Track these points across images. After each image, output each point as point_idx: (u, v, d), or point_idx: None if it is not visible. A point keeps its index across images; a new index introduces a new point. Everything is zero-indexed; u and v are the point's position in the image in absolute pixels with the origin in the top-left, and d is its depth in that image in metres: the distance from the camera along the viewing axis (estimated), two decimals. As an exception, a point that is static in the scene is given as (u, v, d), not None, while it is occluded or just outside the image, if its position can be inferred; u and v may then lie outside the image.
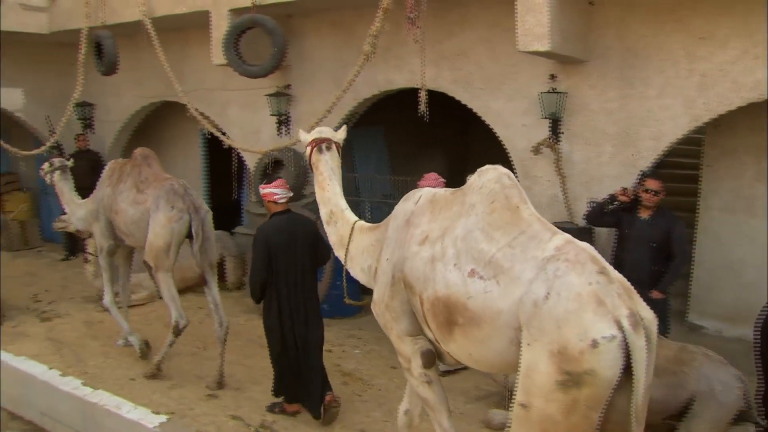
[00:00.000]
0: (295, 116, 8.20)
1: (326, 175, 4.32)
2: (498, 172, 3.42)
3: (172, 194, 5.87)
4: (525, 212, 3.27)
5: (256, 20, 6.77)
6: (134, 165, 6.34)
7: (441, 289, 3.29)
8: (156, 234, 5.81)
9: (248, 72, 7.10)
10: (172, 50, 9.15)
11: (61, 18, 9.36)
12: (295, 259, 5.00)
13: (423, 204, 3.71)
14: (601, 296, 2.82)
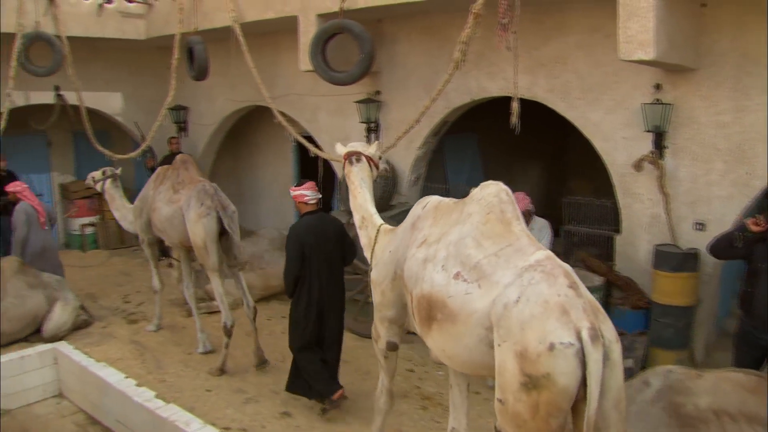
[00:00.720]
0: (385, 124, 8.32)
1: (357, 184, 5.00)
2: (498, 187, 3.87)
3: (203, 193, 6.64)
4: (516, 227, 3.69)
5: (343, 25, 6.93)
6: (174, 168, 7.31)
7: (426, 287, 3.78)
8: (192, 233, 6.59)
9: (335, 79, 7.27)
10: (264, 55, 9.57)
11: (158, 24, 9.96)
12: (325, 256, 5.57)
13: (429, 209, 4.26)
14: (566, 307, 3.14)
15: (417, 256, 3.99)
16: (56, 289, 8.03)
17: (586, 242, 6.92)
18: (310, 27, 7.54)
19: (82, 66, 10.41)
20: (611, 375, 3.12)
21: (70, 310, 7.97)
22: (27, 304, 7.72)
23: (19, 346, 7.51)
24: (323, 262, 5.56)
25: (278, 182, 11.81)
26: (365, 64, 7.02)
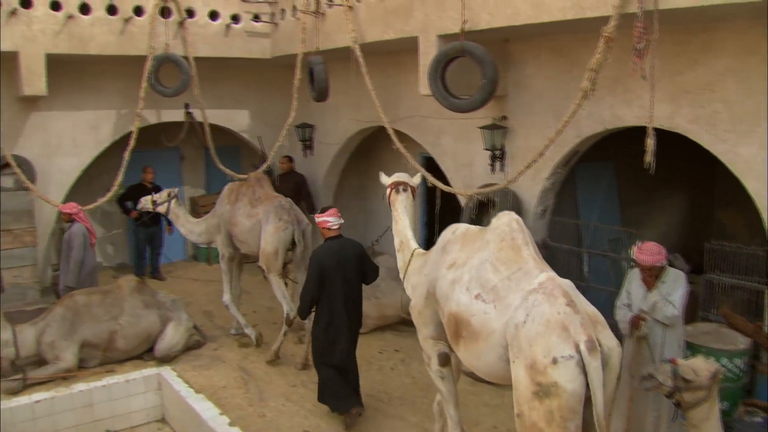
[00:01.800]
0: (511, 151, 8.19)
1: (400, 212, 5.97)
2: (510, 217, 4.71)
3: (280, 209, 8.23)
4: (525, 252, 4.48)
5: (464, 48, 6.90)
6: (249, 186, 8.84)
7: (454, 306, 4.62)
8: (266, 242, 8.09)
9: (455, 106, 7.24)
10: (387, 74, 9.74)
11: (282, 43, 10.43)
12: (344, 278, 6.38)
13: (458, 235, 5.13)
14: (566, 323, 3.89)
15: (447, 277, 4.83)
16: (170, 309, 8.57)
17: (731, 295, 6.39)
18: (431, 48, 7.57)
19: (210, 84, 11.16)
20: (612, 377, 3.95)
21: (182, 331, 8.48)
22: (142, 323, 8.29)
23: (132, 365, 8.12)
24: (341, 284, 6.38)
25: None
26: (488, 90, 6.93)
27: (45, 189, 10.24)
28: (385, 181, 6.12)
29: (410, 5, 7.77)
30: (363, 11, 8.54)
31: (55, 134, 10.36)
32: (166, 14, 9.91)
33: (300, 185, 11.51)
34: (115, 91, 10.61)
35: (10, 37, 8.97)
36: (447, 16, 7.29)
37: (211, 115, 11.42)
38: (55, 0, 9.18)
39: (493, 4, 6.74)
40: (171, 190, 9.43)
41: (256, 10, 10.55)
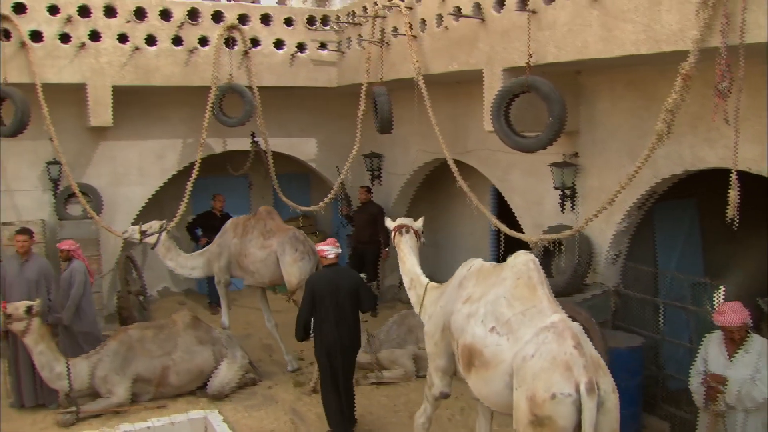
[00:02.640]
0: (583, 191, 7.71)
1: (406, 252, 6.50)
2: (527, 257, 5.01)
3: (295, 240, 8.68)
4: (540, 291, 4.76)
5: (529, 84, 6.49)
6: (258, 219, 9.05)
7: (469, 338, 4.94)
8: (290, 274, 8.54)
9: (520, 145, 6.83)
10: (455, 104, 9.44)
11: (348, 72, 10.27)
12: (336, 304, 6.78)
13: (473, 271, 5.47)
14: (570, 364, 4.16)
15: (462, 311, 5.16)
16: (225, 346, 8.44)
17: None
18: (496, 82, 7.20)
19: (277, 113, 11.14)
20: (605, 419, 4.17)
21: (236, 369, 8.33)
22: (195, 359, 8.18)
23: (185, 401, 8.03)
24: (334, 309, 6.78)
25: (474, 236, 11.54)
26: (555, 130, 6.48)
27: (112, 217, 10.44)
28: (390, 225, 6.77)
29: (475, 36, 7.43)
30: (427, 41, 8.25)
31: (122, 163, 10.53)
32: (231, 44, 9.93)
33: (376, 216, 11.22)
34: (181, 120, 10.71)
35: (79, 70, 9.17)
36: (513, 48, 6.91)
37: (278, 143, 11.42)
38: (123, 32, 9.33)
39: (560, 36, 6.31)
40: (162, 222, 9.25)
41: (322, 38, 10.46)
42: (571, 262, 7.49)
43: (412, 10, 8.40)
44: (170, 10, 9.60)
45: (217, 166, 11.40)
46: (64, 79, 9.16)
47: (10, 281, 7.94)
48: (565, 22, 6.24)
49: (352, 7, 10.07)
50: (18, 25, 8.83)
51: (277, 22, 10.23)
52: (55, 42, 9.08)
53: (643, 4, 5.47)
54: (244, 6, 10.11)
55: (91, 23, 9.20)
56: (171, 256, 9.24)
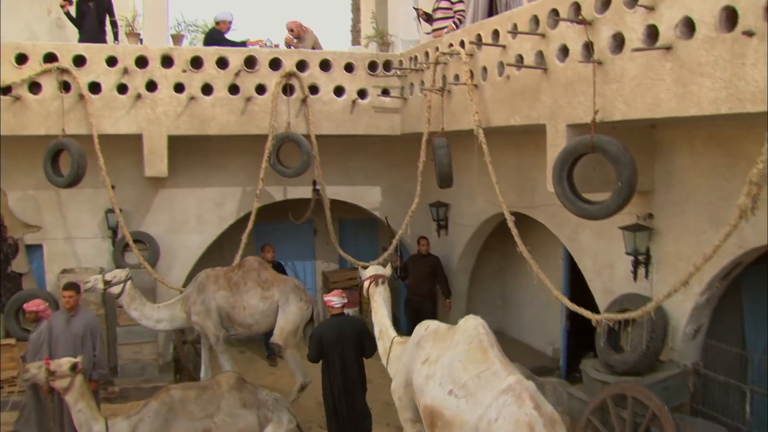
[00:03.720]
0: (658, 256, 6.94)
1: (379, 303, 6.87)
2: (477, 321, 5.39)
3: (297, 290, 8.83)
4: (491, 354, 5.11)
5: (594, 144, 5.82)
6: (248, 270, 8.91)
7: (429, 400, 5.22)
8: (288, 321, 8.61)
9: (584, 212, 6.14)
10: (522, 154, 8.91)
11: (410, 119, 9.83)
12: (342, 350, 7.19)
13: (430, 332, 5.76)
14: (532, 424, 4.61)
15: (422, 371, 5.47)
16: (271, 410, 7.97)
17: None
18: (559, 139, 6.56)
19: (339, 159, 10.80)
20: None
21: (281, 434, 7.86)
22: (238, 423, 7.74)
23: (228, 467, 7.58)
24: (340, 356, 7.20)
25: (545, 290, 10.71)
26: (624, 196, 5.77)
27: (170, 265, 10.30)
28: (364, 274, 7.12)
29: (537, 88, 6.82)
30: (488, 91, 7.70)
31: (180, 211, 10.39)
32: (289, 92, 9.66)
33: (435, 267, 10.73)
34: (240, 167, 10.50)
35: (135, 120, 9.10)
36: (577, 103, 6.27)
37: (340, 191, 11.08)
38: (179, 82, 9.20)
39: (629, 91, 5.64)
40: (127, 271, 8.80)
41: (384, 84, 10.03)
42: (643, 336, 6.71)
43: (473, 57, 7.89)
44: (227, 58, 9.42)
45: (280, 211, 11.12)
46: (120, 129, 9.11)
47: (57, 336, 7.78)
48: (635, 75, 5.57)
49: (414, 51, 9.62)
50: (77, 78, 8.85)
51: (337, 68, 9.89)
52: (112, 93, 9.05)
53: (723, 56, 4.77)
54: (302, 52, 9.83)
55: (148, 73, 9.13)
56: (136, 306, 8.80)
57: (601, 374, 7.05)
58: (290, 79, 9.60)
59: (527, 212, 9.00)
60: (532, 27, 6.90)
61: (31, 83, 8.88)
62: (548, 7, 6.65)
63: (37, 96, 8.93)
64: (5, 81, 8.71)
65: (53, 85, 8.87)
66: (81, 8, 9.76)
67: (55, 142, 8.82)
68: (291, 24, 10.89)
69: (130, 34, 9.15)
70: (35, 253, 10.10)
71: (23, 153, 9.55)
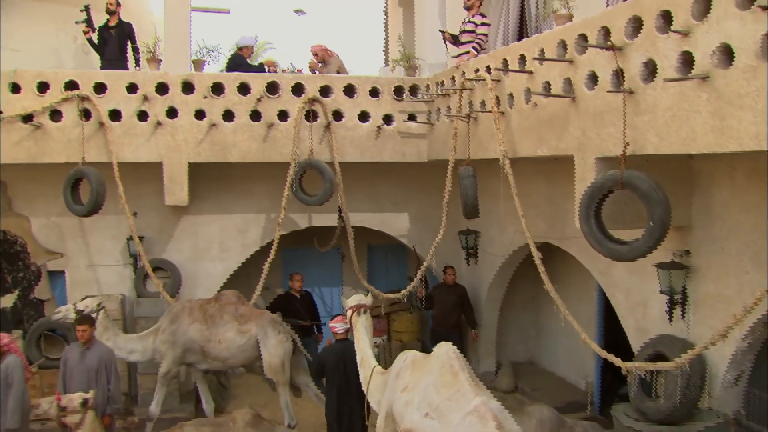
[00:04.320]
0: (695, 296, 6.45)
1: (361, 332, 6.90)
2: (448, 347, 5.74)
3: (275, 323, 8.58)
4: (461, 376, 5.41)
5: (624, 180, 5.38)
6: (225, 303, 8.68)
7: (407, 424, 5.54)
8: (272, 354, 8.40)
9: (613, 253, 5.71)
10: (553, 183, 8.55)
11: (438, 145, 9.51)
12: (344, 374, 7.51)
13: (408, 363, 6.02)
14: None
15: (401, 399, 5.71)
16: (290, 447, 7.72)
17: None
18: (588, 172, 6.14)
19: (366, 185, 10.52)
20: None
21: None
22: (257, 461, 7.47)
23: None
24: (341, 380, 7.52)
25: (580, 322, 10.20)
26: (656, 236, 5.31)
27: (192, 293, 10.10)
28: (346, 304, 7.16)
29: (565, 117, 6.41)
30: (515, 119, 7.30)
31: (203, 238, 10.19)
32: (312, 118, 9.39)
33: (461, 298, 10.32)
34: (264, 194, 10.25)
35: (155, 148, 8.95)
36: (607, 134, 5.85)
37: (367, 218, 10.79)
38: (200, 108, 9.01)
39: (662, 123, 5.21)
40: (99, 300, 8.41)
41: (411, 109, 9.69)
42: (678, 384, 6.21)
43: (499, 83, 7.52)
44: (249, 84, 9.19)
45: (307, 237, 10.85)
46: (140, 157, 8.95)
47: (71, 369, 7.57)
48: (668, 106, 5.14)
49: (440, 76, 9.27)
50: (97, 105, 8.73)
51: (362, 93, 9.59)
52: (132, 120, 8.91)
53: (766, 86, 4.34)
54: (326, 77, 9.58)
55: (168, 100, 8.96)
56: (108, 336, 8.42)
57: (633, 422, 6.59)
58: (313, 104, 9.32)
59: (558, 243, 8.57)
60: (560, 52, 6.51)
61: (52, 111, 8.78)
62: (576, 31, 6.26)
63: (58, 124, 8.83)
64: (28, 109, 8.65)
65: (74, 113, 8.76)
66: (103, 35, 9.70)
67: (74, 170, 8.70)
68: (316, 48, 10.66)
69: (151, 60, 8.98)
70: (58, 280, 10.01)
71: (47, 180, 9.45)
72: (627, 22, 5.57)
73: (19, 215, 9.74)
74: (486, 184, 8.58)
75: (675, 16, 5.05)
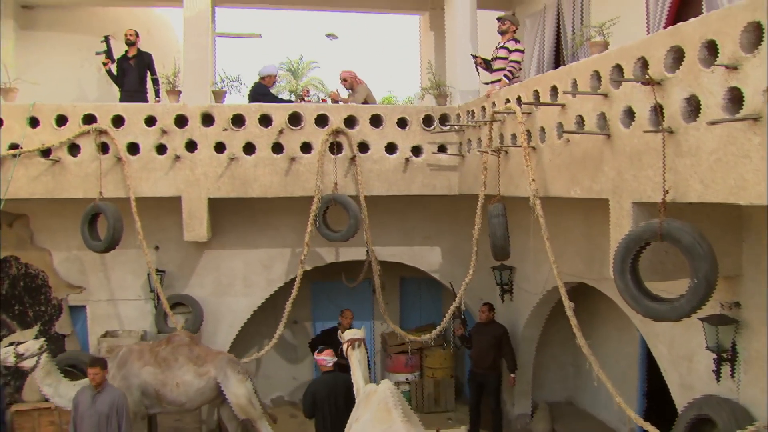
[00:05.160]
0: (747, 353, 5.74)
1: (356, 365, 7.31)
2: (387, 386, 6.41)
3: (233, 363, 8.35)
4: (394, 414, 5.93)
5: (664, 232, 4.74)
6: (178, 345, 8.29)
7: None
8: (237, 395, 8.18)
9: (651, 312, 5.06)
10: (591, 220, 8.02)
11: (469, 179, 8.94)
12: (333, 406, 7.63)
13: (363, 396, 6.80)
14: None
15: (353, 429, 6.34)
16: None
17: None
18: (624, 218, 5.52)
19: (397, 218, 10.07)
20: None
21: None
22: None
23: None
24: (331, 410, 7.63)
25: (620, 364, 9.57)
26: (701, 295, 4.64)
27: (215, 329, 9.74)
28: (343, 338, 7.60)
29: (599, 155, 5.80)
30: (547, 155, 6.71)
31: (226, 273, 9.80)
32: (337, 150, 8.91)
33: (500, 338, 9.63)
34: (289, 227, 9.83)
35: (174, 182, 8.60)
36: (645, 177, 5.22)
37: (398, 252, 10.30)
38: (219, 141, 8.63)
39: (706, 169, 4.57)
40: (41, 343, 7.86)
41: (441, 140, 9.15)
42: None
43: (530, 116, 6.94)
44: (270, 115, 8.76)
45: (336, 269, 10.36)
46: (159, 192, 8.59)
47: (82, 413, 7.28)
48: (713, 149, 4.50)
49: (471, 105, 8.71)
50: (115, 139, 8.43)
51: (389, 124, 9.06)
52: (150, 154, 8.58)
53: (828, 130, 3.71)
54: (351, 107, 9.09)
55: (187, 133, 8.60)
56: (49, 382, 7.91)
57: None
58: (338, 136, 8.85)
59: (595, 285, 7.94)
60: (594, 84, 5.91)
61: (70, 145, 8.51)
62: (611, 62, 5.65)
63: (76, 158, 8.55)
64: (46, 143, 8.40)
65: (92, 147, 8.47)
66: (122, 66, 9.45)
67: (92, 205, 8.40)
68: (345, 74, 10.21)
69: (170, 91, 8.64)
70: (79, 315, 9.74)
71: (68, 213, 9.19)
72: (667, 53, 4.94)
73: (41, 248, 9.52)
74: (519, 218, 7.99)
75: (721, 47, 4.42)
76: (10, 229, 9.43)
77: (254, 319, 10.09)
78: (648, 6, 7.63)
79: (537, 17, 10.03)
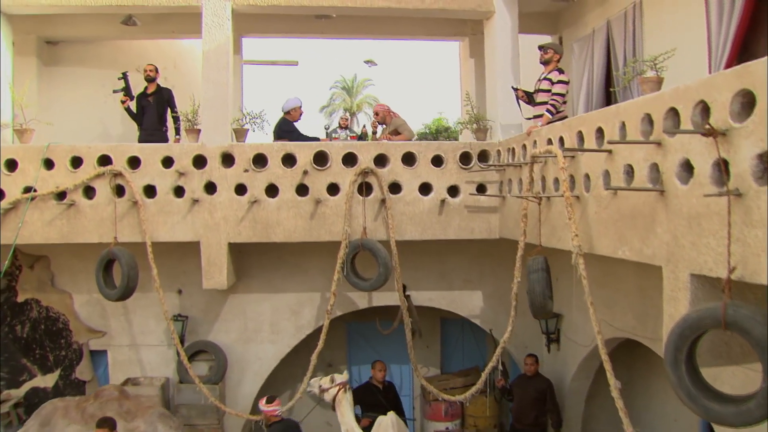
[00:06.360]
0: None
1: (346, 408, 7.83)
2: (389, 419, 7.69)
3: (165, 417, 7.96)
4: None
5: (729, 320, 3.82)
6: (107, 400, 7.92)
7: None
8: None
9: (712, 415, 4.02)
10: (646, 274, 6.94)
11: (509, 223, 8.08)
12: None
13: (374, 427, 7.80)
14: None
15: None
16: None
17: None
18: (680, 291, 4.62)
19: (434, 261, 9.40)
20: None
21: None
22: None
23: None
24: None
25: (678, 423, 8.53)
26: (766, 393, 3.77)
27: (240, 377, 9.12)
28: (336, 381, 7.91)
29: (651, 214, 4.90)
30: (591, 206, 5.83)
31: (252, 318, 9.18)
32: (366, 191, 8.18)
33: (543, 393, 8.72)
34: (318, 270, 9.11)
35: (192, 227, 8.01)
36: (705, 246, 4.30)
37: (436, 297, 9.53)
38: (240, 183, 8.01)
39: (782, 242, 3.68)
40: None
41: (480, 178, 8.32)
42: None
43: (574, 160, 6.08)
44: (294, 154, 8.09)
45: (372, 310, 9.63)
46: (176, 237, 8.01)
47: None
48: (792, 219, 3.62)
49: (511, 142, 7.87)
50: (130, 182, 7.89)
51: (423, 162, 8.27)
52: (168, 197, 8.01)
53: None
54: (381, 145, 8.34)
55: (206, 174, 8.00)
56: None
57: None
58: (367, 176, 8.12)
59: (649, 344, 7.01)
60: (645, 129, 5.02)
61: (84, 187, 8.04)
62: (665, 104, 4.75)
63: (91, 201, 8.05)
64: (61, 186, 7.94)
65: (107, 189, 7.97)
66: (141, 103, 8.93)
67: (106, 251, 7.88)
68: (378, 107, 9.53)
69: (189, 130, 8.07)
70: (100, 360, 9.23)
71: (89, 255, 8.64)
72: (733, 97, 4.02)
73: (62, 291, 9.07)
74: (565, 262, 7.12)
75: (802, 94, 3.55)
76: (31, 271, 9.02)
77: (286, 360, 9.42)
78: (710, 33, 6.66)
79: (586, 42, 9.12)
